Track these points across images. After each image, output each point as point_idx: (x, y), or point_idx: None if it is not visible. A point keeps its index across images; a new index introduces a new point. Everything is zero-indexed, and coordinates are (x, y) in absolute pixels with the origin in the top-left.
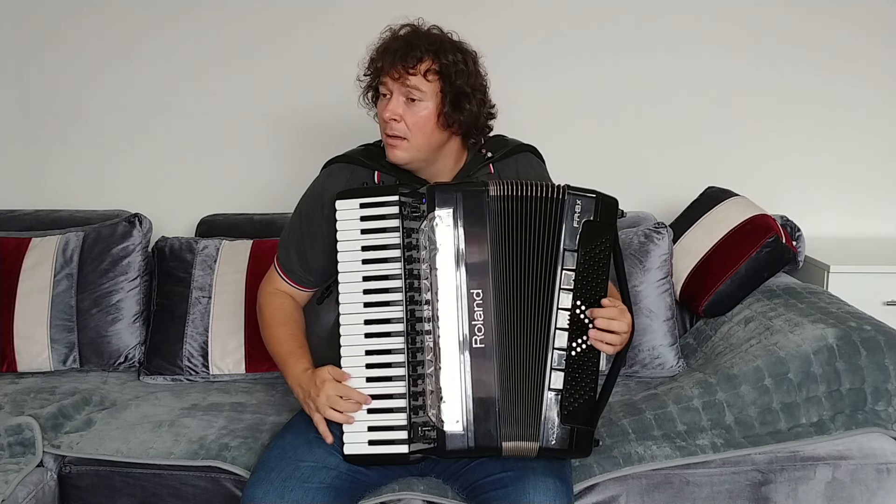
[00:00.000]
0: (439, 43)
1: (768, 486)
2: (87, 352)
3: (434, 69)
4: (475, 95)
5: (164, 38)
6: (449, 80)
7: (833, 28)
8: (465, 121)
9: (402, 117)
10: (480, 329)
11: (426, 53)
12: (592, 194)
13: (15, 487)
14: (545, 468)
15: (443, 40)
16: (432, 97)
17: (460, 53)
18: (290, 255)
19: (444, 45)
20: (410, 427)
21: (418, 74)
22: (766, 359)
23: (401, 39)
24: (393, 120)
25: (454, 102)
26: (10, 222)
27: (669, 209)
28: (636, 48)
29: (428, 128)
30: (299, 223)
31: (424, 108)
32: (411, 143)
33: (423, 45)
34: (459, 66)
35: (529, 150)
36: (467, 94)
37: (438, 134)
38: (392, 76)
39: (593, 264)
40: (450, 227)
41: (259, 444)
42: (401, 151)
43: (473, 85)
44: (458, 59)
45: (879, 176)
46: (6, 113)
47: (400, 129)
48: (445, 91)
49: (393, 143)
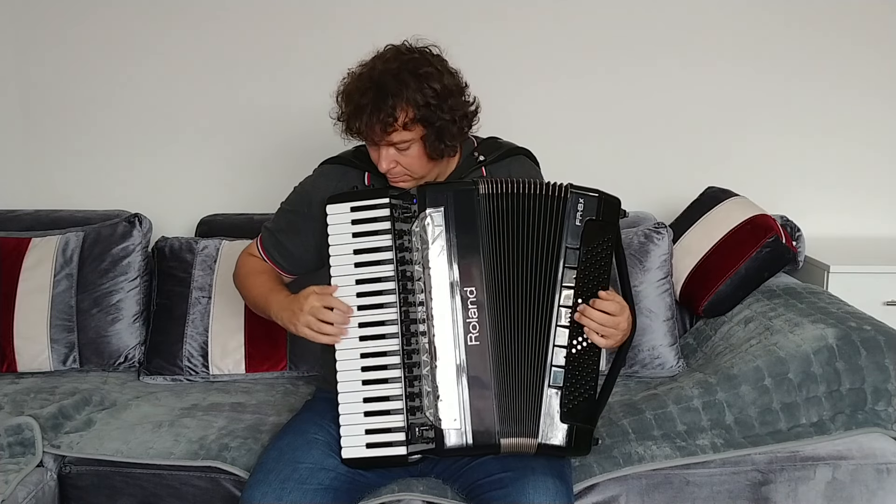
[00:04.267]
0: (404, 87)
1: (768, 486)
2: (87, 352)
3: (411, 119)
4: (455, 117)
5: (164, 39)
6: (428, 121)
7: (832, 30)
8: (452, 146)
9: (398, 162)
10: (475, 327)
11: (398, 106)
12: (595, 193)
13: (15, 487)
14: (545, 468)
15: (406, 81)
16: (416, 140)
17: (427, 85)
18: (270, 241)
19: (409, 88)
20: (408, 428)
21: (398, 129)
22: (766, 359)
23: (364, 96)
24: (392, 168)
25: (437, 138)
26: (10, 222)
27: (669, 209)
28: (638, 50)
29: (422, 163)
30: (283, 217)
31: (415, 149)
32: (414, 177)
33: (391, 97)
34: (432, 102)
35: (523, 153)
36: (447, 122)
37: (434, 162)
38: (373, 139)
39: (595, 262)
40: (441, 227)
41: (259, 445)
42: (406, 184)
43: (451, 107)
44: (428, 96)
45: (879, 176)
46: (7, 113)
47: (399, 171)
48: (427, 132)
49: (397, 181)
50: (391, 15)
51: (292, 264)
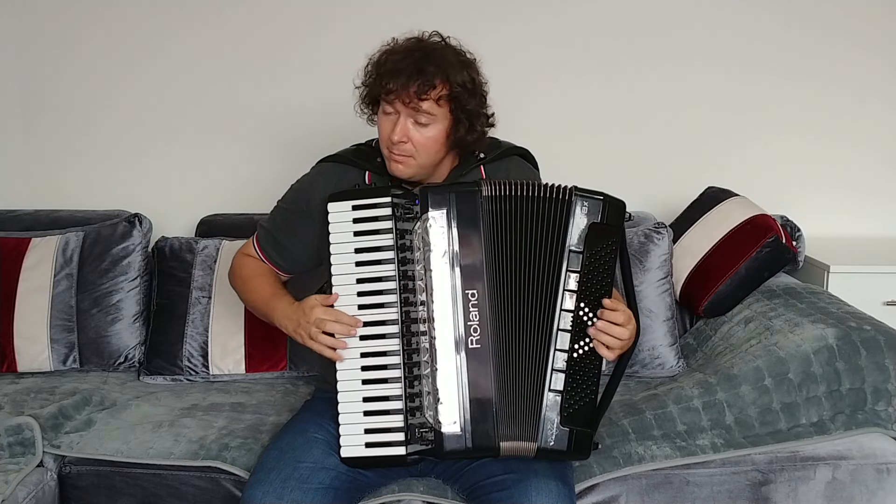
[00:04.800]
0: (448, 63)
1: (768, 486)
2: (87, 352)
3: (445, 94)
4: (482, 114)
5: (164, 39)
6: (460, 103)
7: (832, 31)
8: (473, 140)
9: (410, 138)
10: (476, 329)
11: (437, 77)
12: (600, 196)
13: (15, 487)
14: (547, 470)
15: (450, 60)
16: (442, 120)
17: (467, 71)
18: (266, 240)
19: (453, 66)
20: (408, 428)
21: (431, 100)
22: (766, 359)
23: (409, 58)
24: (402, 142)
25: (465, 124)
26: (10, 222)
27: (669, 209)
28: (638, 51)
29: (435, 148)
30: (280, 216)
31: (433, 129)
32: (417, 161)
33: (432, 67)
34: (468, 86)
35: (520, 153)
36: (477, 114)
37: (444, 151)
38: (403, 101)
39: (598, 266)
40: (443, 228)
41: (259, 445)
42: (405, 168)
43: (480, 103)
44: (466, 80)
45: (879, 176)
46: (7, 113)
47: (407, 149)
48: (456, 114)
49: (398, 160)
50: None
51: (290, 263)
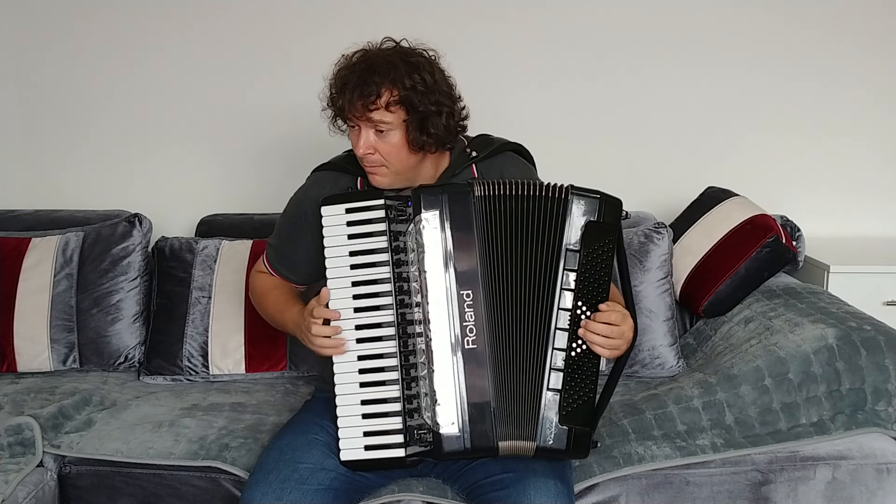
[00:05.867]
0: (393, 68)
1: (768, 486)
2: (87, 352)
3: (394, 99)
4: (442, 111)
5: (164, 39)
6: (412, 105)
7: (833, 30)
8: (436, 139)
9: (376, 148)
10: (472, 330)
11: (383, 84)
12: (596, 195)
13: (15, 487)
14: (546, 469)
15: (396, 64)
16: (398, 126)
17: (417, 73)
18: (275, 256)
19: (400, 70)
20: (406, 430)
21: (380, 108)
22: (766, 359)
23: (353, 72)
24: (368, 153)
25: (421, 127)
26: (10, 222)
27: (669, 209)
28: (637, 50)
29: (403, 153)
30: (282, 231)
31: (394, 136)
32: (390, 169)
33: (378, 75)
34: (419, 87)
35: (514, 148)
36: (432, 113)
37: (413, 156)
38: (355, 115)
39: (596, 265)
40: (437, 230)
41: (259, 445)
42: (381, 177)
43: (438, 101)
44: (416, 82)
45: (879, 176)
46: (7, 113)
47: (376, 159)
48: (410, 117)
49: (372, 171)
50: (391, 16)
51: (301, 275)
